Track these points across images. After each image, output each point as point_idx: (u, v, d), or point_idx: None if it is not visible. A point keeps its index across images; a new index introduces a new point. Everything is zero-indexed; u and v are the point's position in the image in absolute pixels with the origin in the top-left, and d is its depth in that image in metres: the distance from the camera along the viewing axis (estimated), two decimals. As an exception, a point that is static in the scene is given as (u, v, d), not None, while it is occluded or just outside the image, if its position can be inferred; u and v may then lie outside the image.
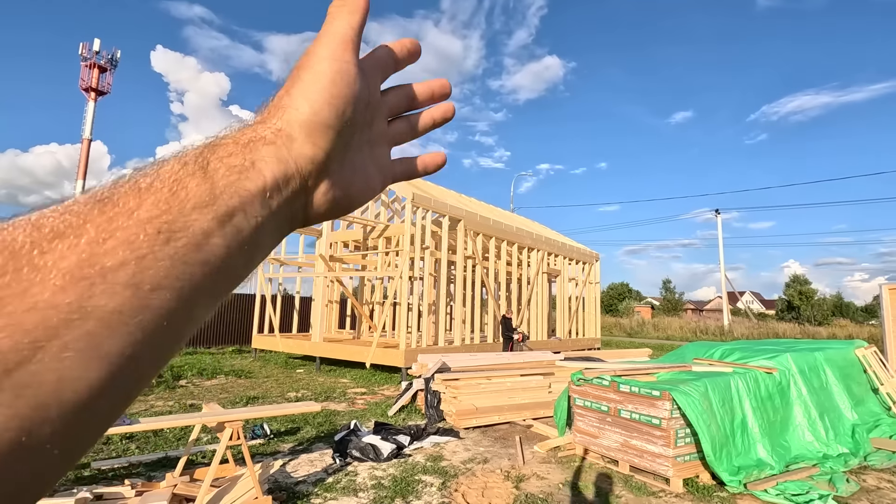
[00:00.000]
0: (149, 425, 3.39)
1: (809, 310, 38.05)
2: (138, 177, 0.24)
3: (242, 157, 0.27)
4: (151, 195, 0.23)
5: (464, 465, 5.17)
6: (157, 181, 0.24)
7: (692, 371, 5.57)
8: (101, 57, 43.78)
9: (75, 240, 0.20)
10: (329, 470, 4.94)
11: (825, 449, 5.56)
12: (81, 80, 43.34)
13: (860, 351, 7.22)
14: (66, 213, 0.21)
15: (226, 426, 3.61)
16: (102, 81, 44.01)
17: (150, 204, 0.23)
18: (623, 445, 4.91)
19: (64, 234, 0.20)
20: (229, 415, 3.67)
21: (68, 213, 0.21)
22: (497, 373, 7.36)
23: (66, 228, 0.20)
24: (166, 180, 0.24)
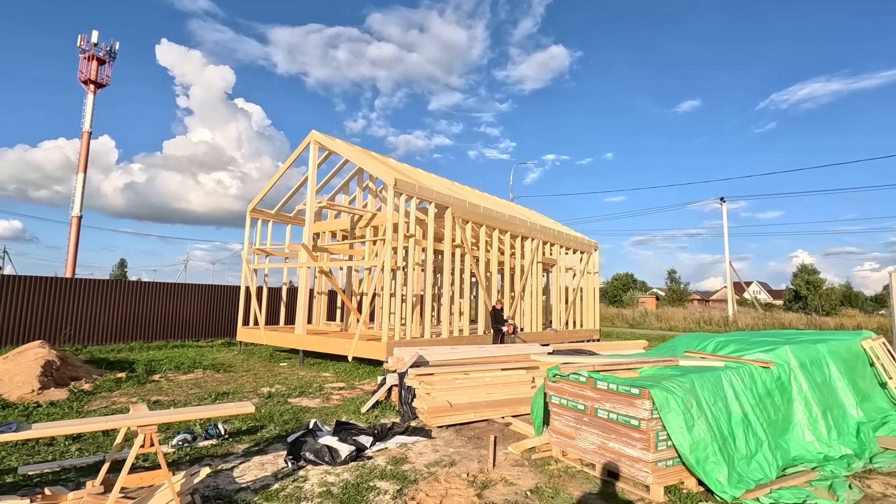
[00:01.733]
0: (40, 432, 2.97)
1: (817, 300, 37.23)
2: None
3: None
4: None
5: (427, 468, 4.73)
6: None
7: (679, 366, 5.08)
8: (99, 49, 43.38)
9: None
10: (279, 474, 4.52)
11: (827, 450, 5.07)
12: (80, 73, 42.99)
13: (867, 342, 6.69)
14: None
15: (138, 431, 3.18)
16: (101, 73, 43.64)
17: None
18: (600, 448, 4.45)
19: None
20: (144, 419, 3.25)
21: None
22: (476, 367, 6.91)
23: None
24: None
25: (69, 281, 14.20)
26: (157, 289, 15.84)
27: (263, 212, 14.12)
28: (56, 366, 7.81)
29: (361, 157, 11.78)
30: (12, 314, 12.78)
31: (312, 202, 11.77)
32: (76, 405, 6.88)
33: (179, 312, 16.04)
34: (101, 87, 43.25)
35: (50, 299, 13.48)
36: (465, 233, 11.88)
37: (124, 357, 11.42)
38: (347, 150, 11.97)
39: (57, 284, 13.75)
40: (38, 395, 7.04)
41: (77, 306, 13.93)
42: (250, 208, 13.72)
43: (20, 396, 6.89)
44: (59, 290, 13.73)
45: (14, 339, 12.58)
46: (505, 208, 15.07)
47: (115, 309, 14.63)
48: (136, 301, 15.15)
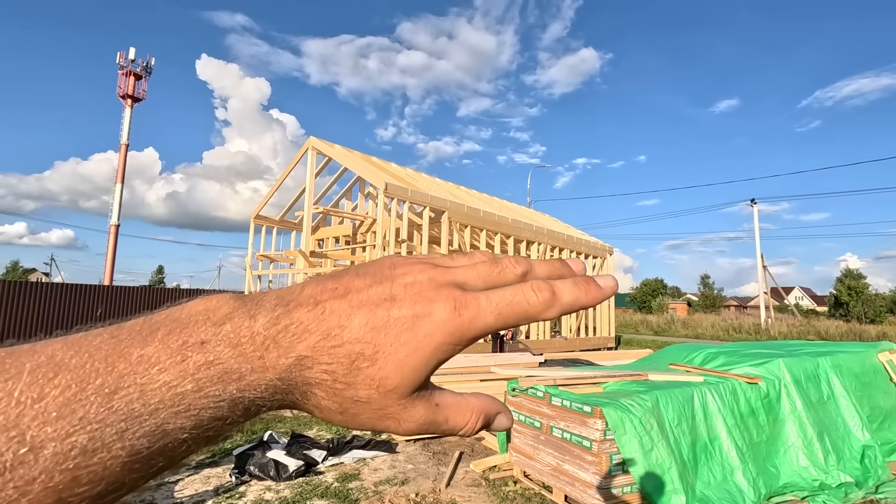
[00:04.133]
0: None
1: (859, 306, 34.89)
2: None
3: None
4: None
5: (376, 486, 4.48)
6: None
7: (648, 381, 4.66)
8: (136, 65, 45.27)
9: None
10: (220, 489, 4.36)
11: (823, 476, 4.54)
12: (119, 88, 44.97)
13: (884, 355, 6.06)
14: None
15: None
16: (138, 88, 45.52)
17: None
18: (555, 470, 4.09)
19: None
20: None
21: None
22: (455, 377, 6.62)
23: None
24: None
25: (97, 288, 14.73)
26: (172, 294, 16.18)
27: (268, 218, 14.23)
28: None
29: (357, 162, 11.69)
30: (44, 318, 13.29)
31: (310, 209, 11.75)
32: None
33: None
34: (137, 101, 45.13)
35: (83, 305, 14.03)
36: (463, 237, 11.60)
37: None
38: (344, 156, 11.91)
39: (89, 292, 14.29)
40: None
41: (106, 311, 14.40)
42: (254, 215, 13.84)
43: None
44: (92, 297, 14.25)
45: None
46: (510, 212, 14.69)
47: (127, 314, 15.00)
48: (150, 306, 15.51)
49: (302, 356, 0.24)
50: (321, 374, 0.25)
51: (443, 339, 0.26)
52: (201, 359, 0.23)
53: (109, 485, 0.20)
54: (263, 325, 0.24)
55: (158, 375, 0.22)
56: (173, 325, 0.23)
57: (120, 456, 0.20)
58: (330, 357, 0.24)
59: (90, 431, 0.20)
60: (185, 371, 0.22)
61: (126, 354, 0.22)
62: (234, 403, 0.23)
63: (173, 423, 0.22)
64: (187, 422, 0.22)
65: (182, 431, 0.22)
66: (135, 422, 0.21)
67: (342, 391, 0.25)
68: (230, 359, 0.23)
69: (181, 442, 0.22)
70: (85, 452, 0.20)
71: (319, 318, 0.25)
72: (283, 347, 0.24)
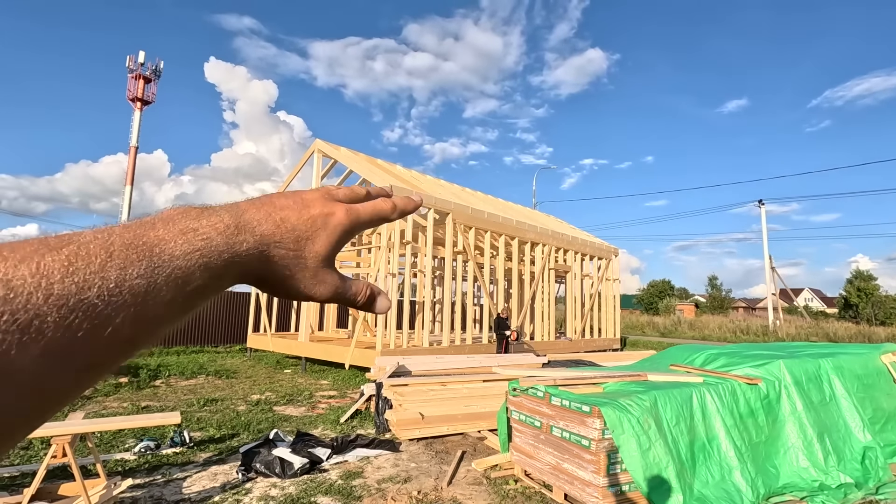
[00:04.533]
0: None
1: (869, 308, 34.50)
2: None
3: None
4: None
5: (379, 484, 4.56)
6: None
7: (648, 381, 4.70)
8: (146, 68, 45.72)
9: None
10: (227, 486, 4.46)
11: (823, 477, 4.56)
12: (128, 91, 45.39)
13: (887, 357, 6.05)
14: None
15: (52, 441, 3.17)
16: (147, 91, 45.95)
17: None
18: (554, 469, 4.15)
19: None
20: (57, 428, 3.24)
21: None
22: (457, 377, 6.69)
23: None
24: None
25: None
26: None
27: (275, 220, 14.36)
28: (59, 370, 8.11)
29: (362, 164, 11.80)
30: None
31: (316, 210, 11.86)
32: (68, 409, 7.09)
33: (199, 318, 16.51)
34: (147, 104, 45.58)
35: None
36: (467, 239, 11.66)
37: (136, 362, 11.82)
38: (349, 158, 12.02)
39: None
40: (36, 398, 7.31)
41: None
42: (261, 217, 13.98)
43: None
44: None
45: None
46: (514, 214, 14.73)
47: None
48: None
49: (264, 235, 0.35)
50: (278, 248, 0.36)
51: (343, 227, 0.40)
52: (199, 237, 0.31)
53: (159, 318, 0.29)
54: (231, 218, 0.34)
55: (175, 247, 0.30)
56: (165, 220, 0.32)
57: (166, 294, 0.29)
58: (281, 237, 0.36)
59: (146, 279, 0.28)
60: (191, 244, 0.31)
61: (144, 236, 0.30)
62: (227, 264, 0.33)
63: (193, 276, 0.31)
64: (202, 273, 0.31)
65: (194, 281, 0.31)
66: (170, 272, 0.29)
67: (293, 258, 0.37)
68: (217, 237, 0.32)
69: (198, 284, 0.31)
70: (147, 292, 0.28)
71: (268, 215, 0.36)
72: (249, 231, 0.34)
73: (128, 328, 0.27)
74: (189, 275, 0.30)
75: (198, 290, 0.31)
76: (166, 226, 0.31)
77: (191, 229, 0.31)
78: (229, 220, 0.34)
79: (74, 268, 0.25)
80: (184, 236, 0.31)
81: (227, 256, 0.32)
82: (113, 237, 0.28)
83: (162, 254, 0.29)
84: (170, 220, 0.32)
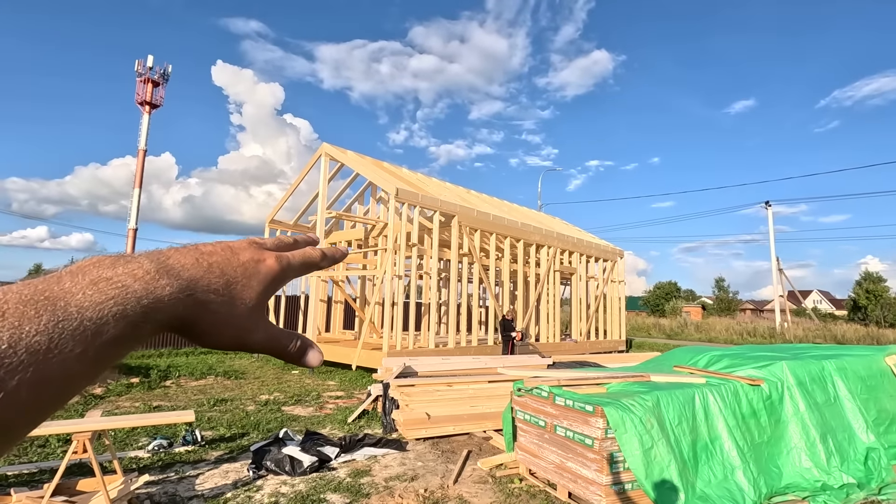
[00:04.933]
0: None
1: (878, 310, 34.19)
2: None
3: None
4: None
5: (386, 482, 4.66)
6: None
7: (651, 382, 4.77)
8: (154, 72, 46.18)
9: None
10: (238, 483, 4.57)
11: (826, 477, 4.60)
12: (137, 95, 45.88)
13: (892, 359, 6.07)
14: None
15: (73, 438, 3.29)
16: (156, 95, 46.39)
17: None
18: (558, 467, 4.23)
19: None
20: (77, 425, 3.36)
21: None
22: (463, 378, 6.77)
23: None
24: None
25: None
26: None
27: (282, 222, 14.54)
28: (72, 370, 8.27)
29: (369, 167, 11.93)
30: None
31: (323, 213, 12.01)
32: (82, 408, 7.25)
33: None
34: (155, 107, 46.05)
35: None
36: (473, 241, 11.75)
37: (147, 363, 12.00)
38: (356, 162, 12.16)
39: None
40: (51, 398, 7.47)
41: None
42: (268, 219, 14.17)
43: (34, 399, 7.34)
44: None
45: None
46: (519, 216, 14.81)
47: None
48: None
49: (192, 279, 0.34)
50: (207, 293, 0.34)
51: (275, 274, 0.39)
52: (112, 285, 0.30)
53: (68, 374, 0.27)
54: (152, 264, 0.32)
55: (83, 297, 0.28)
56: (74, 272, 0.30)
57: (74, 348, 0.27)
58: (210, 281, 0.35)
59: (47, 334, 0.26)
60: (103, 293, 0.29)
61: (47, 290, 0.28)
62: (147, 311, 0.31)
63: (106, 326, 0.28)
64: (117, 322, 0.29)
65: (107, 332, 0.29)
66: (77, 325, 0.27)
67: (224, 303, 0.35)
68: (134, 283, 0.31)
69: (113, 334, 0.29)
70: (49, 348, 0.26)
71: (195, 260, 0.35)
72: (173, 276, 0.33)
73: (25, 391, 0.25)
74: (101, 325, 0.28)
75: (114, 340, 0.29)
76: (74, 278, 0.29)
77: (103, 278, 0.30)
78: (149, 266, 0.32)
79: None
80: (94, 286, 0.29)
81: (146, 303, 0.30)
82: (8, 295, 0.26)
83: (67, 306, 0.27)
84: (79, 271, 0.30)
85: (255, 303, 0.37)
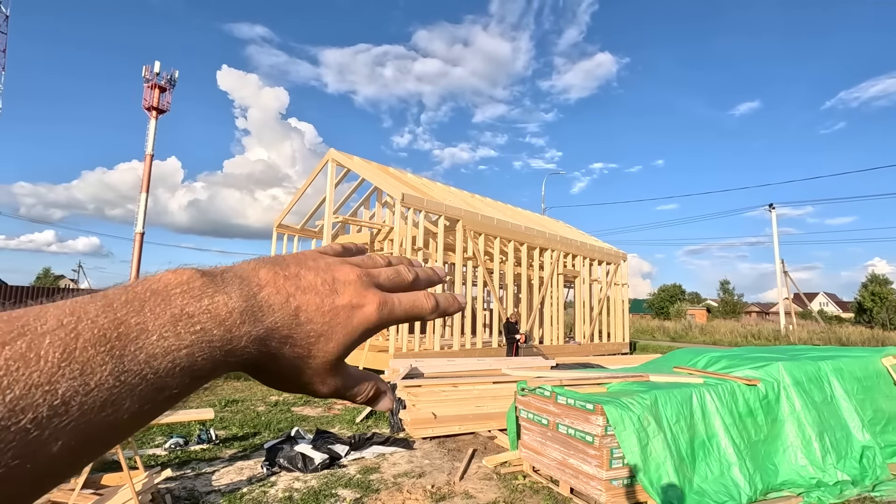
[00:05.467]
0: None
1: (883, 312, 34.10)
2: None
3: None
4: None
5: (395, 478, 4.83)
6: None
7: (650, 381, 4.93)
8: (161, 78, 46.71)
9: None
10: (253, 479, 4.76)
11: (821, 475, 4.74)
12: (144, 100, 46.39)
13: (888, 360, 6.20)
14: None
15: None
16: (163, 100, 46.90)
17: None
18: (560, 464, 4.39)
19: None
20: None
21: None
22: (468, 379, 6.95)
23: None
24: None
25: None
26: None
27: (289, 227, 14.78)
28: (88, 372, 8.51)
29: (374, 173, 12.16)
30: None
31: (329, 218, 12.24)
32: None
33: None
34: (161, 112, 46.55)
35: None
36: (477, 245, 11.94)
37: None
38: (362, 167, 12.39)
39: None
40: (68, 398, 7.70)
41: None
42: (276, 224, 14.42)
43: (52, 399, 7.57)
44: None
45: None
46: (523, 220, 15.00)
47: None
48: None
49: (272, 327, 0.29)
50: (283, 345, 0.30)
51: (369, 326, 0.34)
52: (190, 330, 0.26)
53: (113, 434, 0.24)
54: (237, 301, 0.28)
55: (158, 342, 0.24)
56: (157, 298, 0.26)
57: (129, 408, 0.23)
58: (291, 331, 0.30)
59: (108, 390, 0.22)
60: (179, 338, 0.25)
61: (124, 324, 0.24)
62: (217, 365, 0.27)
63: (171, 382, 0.25)
64: (183, 378, 0.26)
65: (168, 389, 0.25)
66: (140, 381, 0.23)
67: (299, 357, 0.31)
68: (215, 329, 0.27)
69: (173, 392, 0.26)
70: (103, 406, 0.22)
71: (285, 300, 0.30)
72: (257, 320, 0.29)
73: (66, 455, 0.22)
74: (167, 380, 0.25)
75: (171, 398, 0.26)
76: (155, 309, 0.26)
77: (185, 315, 0.26)
78: (237, 301, 0.28)
79: (12, 379, 0.20)
80: (173, 328, 0.25)
81: (219, 355, 0.27)
82: (82, 324, 0.23)
83: (138, 353, 0.24)
84: (165, 296, 0.26)
85: (335, 357, 0.33)
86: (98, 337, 0.23)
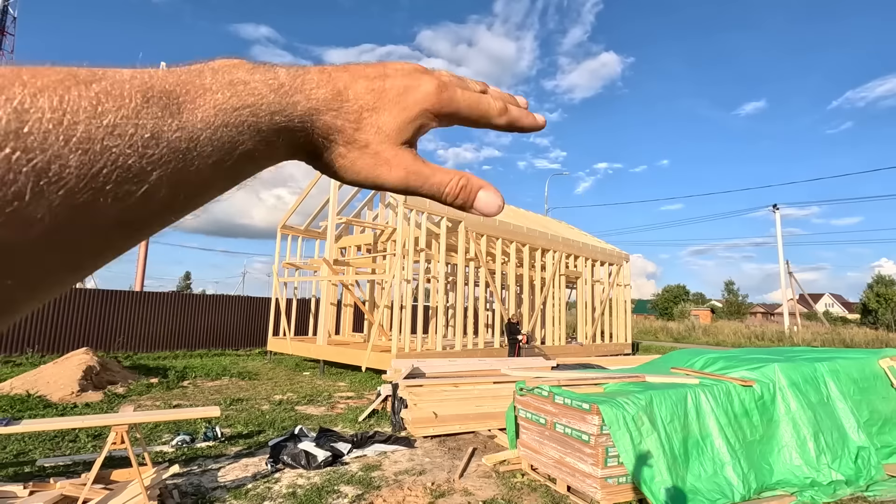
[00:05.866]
0: (27, 428, 3.47)
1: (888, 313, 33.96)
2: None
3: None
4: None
5: (396, 476, 4.94)
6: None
7: (646, 382, 5.02)
8: (166, 79, 47.03)
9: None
10: (258, 476, 4.88)
11: (815, 474, 4.81)
12: (150, 102, 46.73)
13: (885, 361, 6.26)
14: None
15: (112, 430, 3.62)
16: (168, 101, 47.21)
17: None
18: (558, 462, 4.49)
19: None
20: (116, 418, 3.69)
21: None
22: (469, 379, 7.05)
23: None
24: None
25: (126, 294, 15.60)
26: (201, 300, 17.02)
27: (293, 228, 14.93)
28: (96, 371, 8.68)
29: (378, 174, 12.25)
30: (78, 323, 14.21)
31: (333, 219, 12.37)
32: (107, 406, 7.63)
33: (221, 323, 17.14)
34: (166, 114, 46.83)
35: (111, 310, 14.87)
36: (479, 246, 12.04)
37: (164, 364, 12.41)
38: (366, 169, 12.48)
39: (117, 297, 15.15)
40: (77, 396, 7.86)
41: (133, 316, 15.25)
42: (280, 225, 14.56)
43: (61, 398, 7.74)
44: (119, 302, 15.12)
45: (79, 345, 13.96)
46: (526, 221, 15.08)
47: (162, 319, 15.87)
48: (183, 312, 16.35)
49: (320, 100, 0.30)
50: (334, 118, 0.31)
51: (426, 106, 0.33)
52: (249, 91, 0.27)
53: (204, 181, 0.26)
54: (286, 77, 0.29)
55: (223, 98, 0.26)
56: (214, 70, 0.27)
57: (211, 155, 0.25)
58: (340, 104, 0.31)
59: (188, 132, 0.24)
60: (240, 98, 0.27)
61: (189, 83, 0.26)
62: (279, 129, 0.29)
63: (241, 137, 0.27)
64: (252, 136, 0.27)
65: (242, 144, 0.27)
66: (212, 132, 0.25)
67: (352, 133, 0.31)
68: (269, 94, 0.28)
69: (244, 149, 0.27)
70: (188, 148, 0.24)
71: (329, 79, 0.31)
72: (305, 94, 0.30)
73: (165, 190, 0.23)
74: (238, 135, 0.26)
75: (246, 155, 0.27)
76: (215, 75, 0.27)
77: (241, 81, 0.28)
78: (285, 78, 0.29)
79: (104, 108, 0.21)
80: (232, 88, 0.27)
81: (279, 119, 0.28)
82: (153, 80, 0.24)
83: (206, 106, 0.25)
84: (220, 69, 0.28)
85: (388, 132, 0.32)
86: (169, 90, 0.24)
